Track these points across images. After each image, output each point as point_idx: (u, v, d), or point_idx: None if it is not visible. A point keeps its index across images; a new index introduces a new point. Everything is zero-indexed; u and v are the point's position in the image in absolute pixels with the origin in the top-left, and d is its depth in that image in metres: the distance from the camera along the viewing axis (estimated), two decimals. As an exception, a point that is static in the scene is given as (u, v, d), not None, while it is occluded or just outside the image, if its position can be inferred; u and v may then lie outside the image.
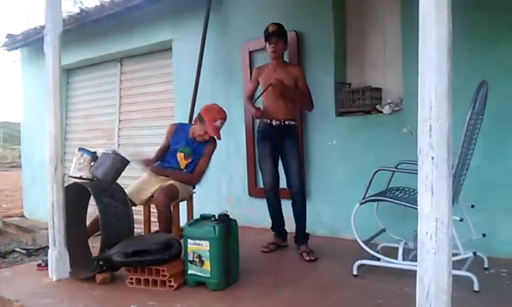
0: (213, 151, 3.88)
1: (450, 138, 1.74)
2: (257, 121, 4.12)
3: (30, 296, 2.94)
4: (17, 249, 6.41)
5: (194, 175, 3.81)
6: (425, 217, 1.77)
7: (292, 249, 3.84)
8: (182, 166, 3.82)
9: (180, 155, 3.83)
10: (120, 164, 3.47)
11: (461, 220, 2.69)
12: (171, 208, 3.56)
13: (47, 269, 3.29)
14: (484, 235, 3.04)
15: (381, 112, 4.10)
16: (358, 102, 4.24)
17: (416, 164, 1.84)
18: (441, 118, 1.73)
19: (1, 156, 27.96)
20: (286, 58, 4.40)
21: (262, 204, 4.00)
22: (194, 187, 3.92)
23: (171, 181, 3.66)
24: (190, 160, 3.81)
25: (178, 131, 3.94)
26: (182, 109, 5.35)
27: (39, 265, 3.55)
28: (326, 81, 4.40)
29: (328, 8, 4.40)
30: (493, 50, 3.47)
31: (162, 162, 3.88)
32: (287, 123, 3.79)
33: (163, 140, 3.99)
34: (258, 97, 3.82)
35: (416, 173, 1.84)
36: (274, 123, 3.79)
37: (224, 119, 3.81)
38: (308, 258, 3.59)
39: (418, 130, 1.80)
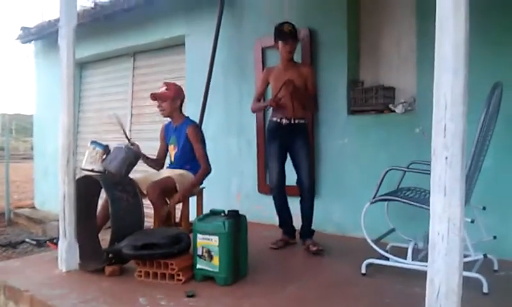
0: (196, 132, 3.73)
1: (464, 139, 1.73)
2: (267, 119, 4.12)
3: (40, 286, 2.96)
4: (27, 240, 6.48)
5: (202, 167, 3.68)
6: (438, 218, 1.76)
7: (300, 246, 3.84)
8: (172, 158, 3.83)
9: (171, 148, 3.85)
10: (133, 158, 3.49)
11: (472, 221, 2.67)
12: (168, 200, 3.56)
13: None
14: (495, 237, 3.00)
15: (394, 111, 4.08)
16: (371, 100, 4.21)
17: (428, 165, 1.82)
18: (456, 119, 1.72)
19: (13, 147, 28.21)
20: (298, 55, 4.40)
21: (271, 201, 3.99)
22: (201, 183, 3.89)
23: (168, 174, 3.64)
24: (176, 149, 3.79)
25: (167, 129, 3.92)
26: (194, 105, 5.36)
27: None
28: (338, 79, 4.38)
29: (342, 5, 4.37)
30: (509, 51, 3.43)
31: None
32: (296, 121, 3.79)
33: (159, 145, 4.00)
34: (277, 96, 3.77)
35: (428, 173, 1.82)
36: (283, 121, 3.78)
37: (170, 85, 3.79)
38: (314, 249, 3.63)
39: (433, 130, 1.78)
